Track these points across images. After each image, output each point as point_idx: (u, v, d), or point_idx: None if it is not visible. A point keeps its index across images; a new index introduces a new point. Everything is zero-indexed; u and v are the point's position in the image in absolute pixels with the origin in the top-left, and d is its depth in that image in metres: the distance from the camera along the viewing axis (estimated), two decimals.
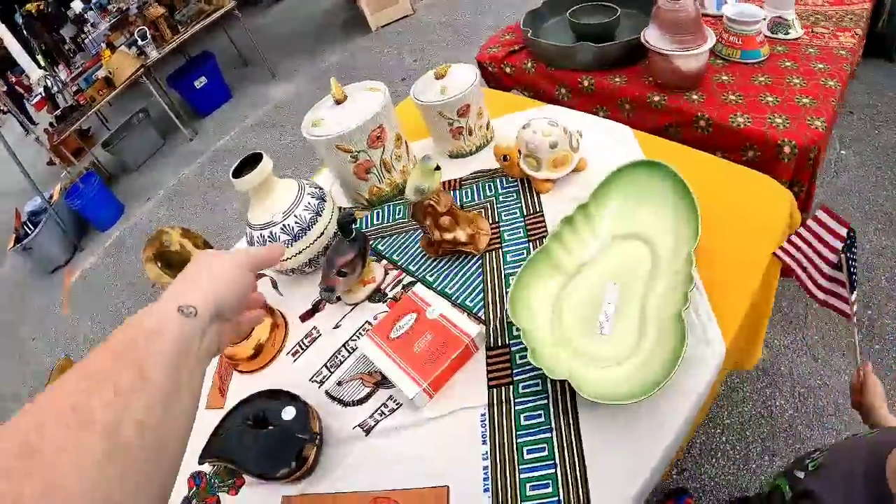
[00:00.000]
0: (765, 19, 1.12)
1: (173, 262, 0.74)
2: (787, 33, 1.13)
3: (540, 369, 0.62)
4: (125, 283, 2.65)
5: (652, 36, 1.01)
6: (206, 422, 0.74)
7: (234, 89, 3.92)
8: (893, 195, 1.61)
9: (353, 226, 0.81)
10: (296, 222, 0.84)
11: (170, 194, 3.18)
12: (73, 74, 3.59)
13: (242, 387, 0.82)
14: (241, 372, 0.85)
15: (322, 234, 0.86)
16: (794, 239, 0.68)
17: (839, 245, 0.63)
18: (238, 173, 0.79)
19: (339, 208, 0.96)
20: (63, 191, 3.09)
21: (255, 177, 0.78)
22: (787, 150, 0.93)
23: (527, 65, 1.30)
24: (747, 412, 1.33)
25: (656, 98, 1.07)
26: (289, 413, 0.68)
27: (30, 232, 2.84)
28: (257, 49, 3.76)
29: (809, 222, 0.66)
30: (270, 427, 0.67)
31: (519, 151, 0.84)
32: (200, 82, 3.58)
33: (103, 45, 3.47)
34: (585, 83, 1.18)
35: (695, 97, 1.04)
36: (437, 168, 0.73)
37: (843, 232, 0.62)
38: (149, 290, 2.52)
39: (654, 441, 0.59)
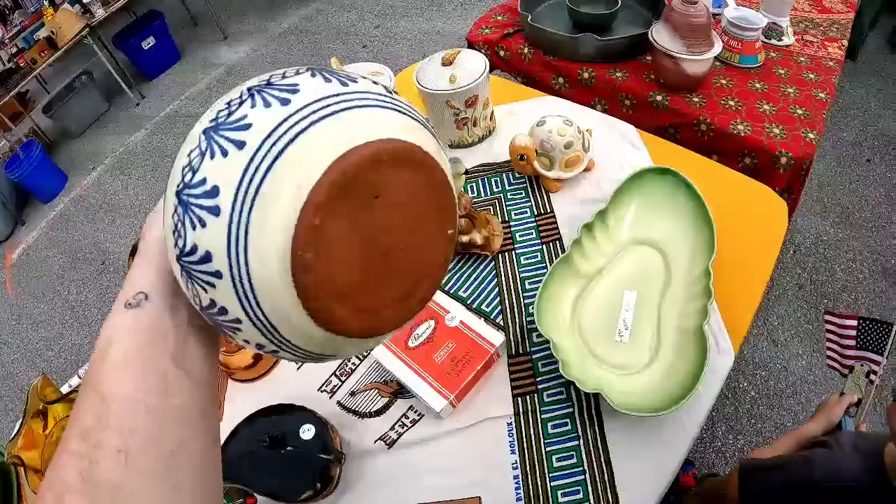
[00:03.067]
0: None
1: None
2: (781, 40, 1.17)
3: (563, 377, 0.62)
4: (72, 259, 2.45)
5: (661, 36, 1.01)
6: None
7: (183, 50, 3.64)
8: (849, 190, 1.74)
9: None
10: None
11: (116, 163, 2.94)
12: (11, 33, 3.18)
13: (241, 398, 0.76)
14: (238, 381, 0.79)
15: None
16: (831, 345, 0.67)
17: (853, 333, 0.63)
18: None
19: None
20: (1, 161, 2.80)
21: None
22: (783, 160, 0.97)
23: (523, 50, 1.26)
24: None
25: (659, 98, 1.07)
26: (308, 431, 0.65)
27: None
28: (208, 8, 3.47)
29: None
30: (289, 448, 0.64)
31: (536, 151, 0.83)
32: (148, 43, 3.29)
33: (45, 1, 3.08)
34: (585, 75, 1.16)
35: (696, 100, 1.06)
36: (466, 172, 0.70)
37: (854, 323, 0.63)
38: (98, 267, 2.35)
39: (676, 444, 0.63)
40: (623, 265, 0.77)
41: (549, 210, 0.86)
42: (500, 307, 0.77)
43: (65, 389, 0.87)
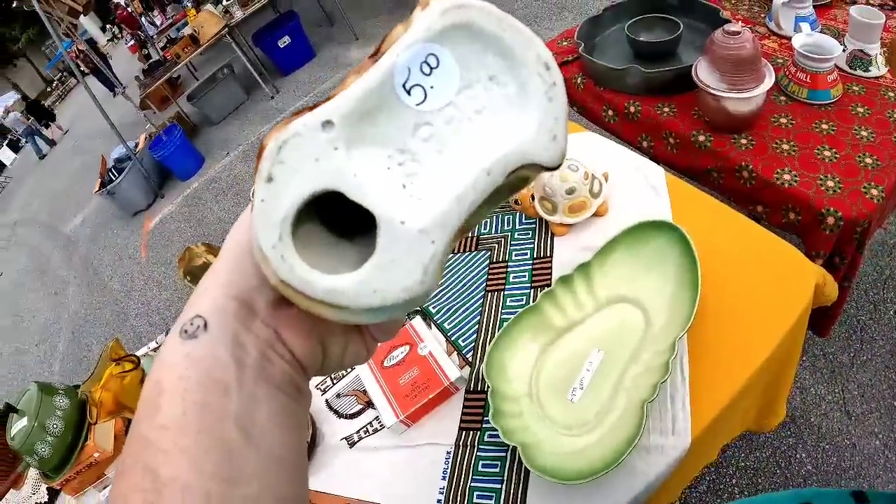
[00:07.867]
0: (844, 50, 0.97)
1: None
2: (868, 70, 0.98)
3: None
4: (199, 233, 2.91)
5: (702, 70, 0.92)
6: None
7: (317, 49, 3.91)
8: None
9: None
10: None
11: (247, 150, 3.37)
12: (164, 26, 3.78)
13: None
14: None
15: None
16: None
17: None
18: None
19: None
20: (147, 140, 3.38)
21: None
22: (830, 220, 0.84)
23: (577, 80, 1.23)
24: (765, 458, 1.29)
25: (701, 138, 0.99)
26: None
27: (114, 178, 3.16)
28: (340, 9, 3.73)
29: None
30: None
31: (532, 196, 0.84)
32: (284, 42, 3.62)
33: (188, 2, 3.62)
34: (632, 109, 1.11)
35: (743, 142, 0.95)
36: None
37: None
38: (220, 244, 2.79)
39: None
40: (602, 322, 0.75)
41: (548, 254, 0.87)
42: (473, 343, 0.81)
43: (143, 351, 1.11)
